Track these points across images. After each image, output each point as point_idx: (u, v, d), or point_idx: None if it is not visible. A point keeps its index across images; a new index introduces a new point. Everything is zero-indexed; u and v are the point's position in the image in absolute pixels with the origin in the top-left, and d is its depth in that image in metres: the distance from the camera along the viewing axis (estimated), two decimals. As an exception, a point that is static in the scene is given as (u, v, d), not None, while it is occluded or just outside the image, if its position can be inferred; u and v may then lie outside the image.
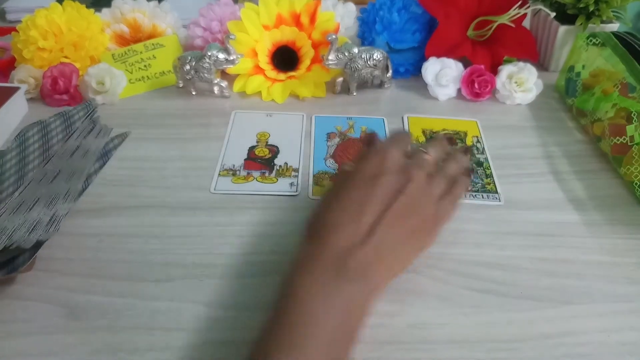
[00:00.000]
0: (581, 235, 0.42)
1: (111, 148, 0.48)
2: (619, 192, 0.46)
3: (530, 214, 0.44)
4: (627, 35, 0.51)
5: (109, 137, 0.49)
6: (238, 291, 0.36)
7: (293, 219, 0.43)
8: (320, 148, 0.51)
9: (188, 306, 0.35)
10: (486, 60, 0.60)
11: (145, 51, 0.61)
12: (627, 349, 0.33)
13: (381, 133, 0.53)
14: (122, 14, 0.63)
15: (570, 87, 0.57)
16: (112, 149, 0.48)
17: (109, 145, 0.48)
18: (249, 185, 0.46)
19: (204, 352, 0.33)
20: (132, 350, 0.32)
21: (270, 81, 0.59)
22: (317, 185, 0.46)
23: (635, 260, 0.40)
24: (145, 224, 0.42)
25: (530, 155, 0.51)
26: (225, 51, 0.55)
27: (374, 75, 0.59)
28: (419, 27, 0.60)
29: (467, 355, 0.33)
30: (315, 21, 0.58)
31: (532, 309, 0.36)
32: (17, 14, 0.75)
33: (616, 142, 0.47)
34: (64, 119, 0.45)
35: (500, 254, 0.40)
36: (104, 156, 0.47)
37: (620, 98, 0.48)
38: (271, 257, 0.39)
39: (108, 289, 0.36)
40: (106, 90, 0.57)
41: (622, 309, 0.36)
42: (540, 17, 0.65)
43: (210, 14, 0.61)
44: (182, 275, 0.38)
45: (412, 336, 0.34)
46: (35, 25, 0.56)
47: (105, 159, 0.47)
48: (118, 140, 0.49)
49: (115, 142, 0.49)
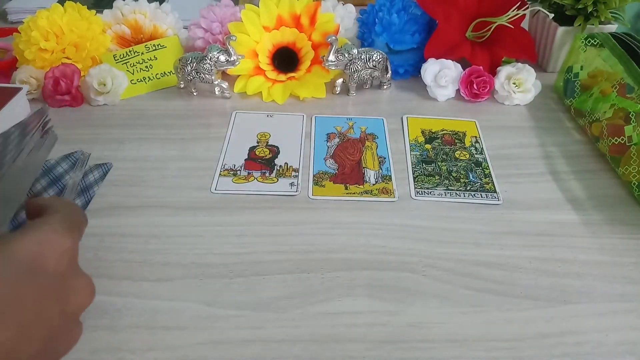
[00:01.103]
0: (580, 235, 0.42)
1: (92, 182, 0.43)
2: (617, 192, 0.46)
3: (529, 214, 0.44)
4: (626, 36, 0.52)
5: (85, 167, 0.43)
6: (238, 291, 0.37)
7: (293, 219, 0.43)
8: (320, 148, 0.51)
9: (188, 306, 0.35)
10: (485, 61, 0.60)
11: (147, 52, 0.62)
12: (626, 349, 0.33)
13: (381, 133, 0.54)
14: (123, 15, 0.63)
15: (568, 87, 0.57)
16: (94, 183, 0.43)
17: (88, 178, 0.43)
18: (250, 185, 0.46)
19: (204, 352, 0.33)
20: (133, 350, 0.33)
21: (271, 82, 0.59)
22: (317, 185, 0.47)
23: (633, 260, 0.40)
24: (145, 224, 0.42)
25: (529, 156, 0.51)
26: (226, 52, 0.55)
27: (373, 76, 0.59)
28: (418, 29, 0.60)
29: (467, 354, 0.33)
30: (315, 22, 0.58)
31: (531, 308, 0.36)
32: (18, 14, 0.76)
33: (614, 143, 0.47)
34: (22, 129, 0.35)
35: (499, 254, 0.40)
36: (86, 192, 0.42)
37: (618, 99, 0.48)
38: (271, 257, 0.39)
39: (109, 288, 0.36)
40: (107, 91, 0.57)
41: (621, 309, 0.36)
42: (538, 18, 0.65)
43: (211, 15, 0.62)
44: (182, 275, 0.38)
45: (412, 335, 0.34)
46: (37, 26, 0.57)
47: (88, 195, 0.42)
48: (99, 174, 0.44)
49: (95, 175, 0.44)
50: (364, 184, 0.47)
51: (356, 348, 0.33)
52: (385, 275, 0.38)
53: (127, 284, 0.37)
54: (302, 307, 0.36)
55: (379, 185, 0.47)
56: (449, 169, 0.49)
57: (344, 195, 0.46)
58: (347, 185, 0.47)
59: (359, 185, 0.47)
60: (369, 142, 0.52)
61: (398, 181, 0.47)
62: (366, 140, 0.53)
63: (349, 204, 0.45)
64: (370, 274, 0.38)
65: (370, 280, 0.38)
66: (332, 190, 0.46)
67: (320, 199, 0.45)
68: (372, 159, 0.50)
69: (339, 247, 0.40)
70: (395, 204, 0.45)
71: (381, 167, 0.49)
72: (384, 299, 0.36)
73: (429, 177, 0.48)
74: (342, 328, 0.34)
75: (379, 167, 0.49)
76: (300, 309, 0.35)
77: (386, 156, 0.50)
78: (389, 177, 0.48)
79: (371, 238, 0.41)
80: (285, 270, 0.38)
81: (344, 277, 0.38)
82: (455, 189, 0.46)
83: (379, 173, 0.48)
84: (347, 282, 0.37)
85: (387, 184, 0.47)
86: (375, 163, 0.50)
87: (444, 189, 0.46)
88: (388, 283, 0.37)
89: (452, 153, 0.51)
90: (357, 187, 0.46)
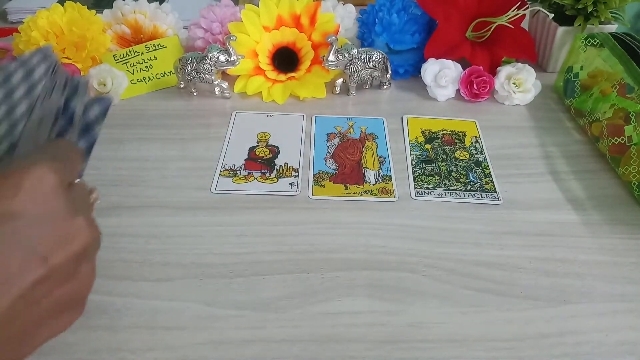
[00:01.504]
0: (580, 235, 0.42)
1: (93, 121, 0.32)
2: (617, 192, 0.46)
3: (529, 214, 0.44)
4: (626, 36, 0.52)
5: (85, 98, 0.32)
6: (238, 291, 0.37)
7: (293, 219, 0.43)
8: (320, 148, 0.51)
9: (188, 306, 0.35)
10: (485, 61, 0.60)
11: (147, 52, 0.62)
12: (626, 349, 0.33)
13: (381, 133, 0.54)
14: (123, 15, 0.63)
15: (568, 87, 0.57)
16: (95, 122, 0.32)
17: (88, 114, 0.32)
18: (250, 186, 0.46)
19: (204, 352, 0.33)
20: (133, 350, 0.33)
21: (271, 82, 0.59)
22: (317, 185, 0.47)
23: (633, 260, 0.40)
24: (145, 224, 0.42)
25: (529, 156, 0.51)
26: (226, 52, 0.55)
27: (373, 76, 0.59)
28: (418, 29, 0.60)
29: (466, 354, 0.33)
30: (315, 22, 0.58)
31: (531, 308, 0.36)
32: (18, 14, 0.76)
33: (614, 143, 0.47)
34: (25, 71, 0.28)
35: (499, 254, 0.40)
36: (87, 132, 0.32)
37: (618, 99, 0.48)
38: (271, 257, 0.39)
39: (108, 288, 0.36)
40: (108, 91, 0.57)
41: (621, 309, 0.36)
42: (539, 18, 0.65)
43: (211, 15, 0.61)
44: (182, 275, 0.38)
45: (412, 335, 0.34)
46: (37, 26, 0.57)
47: (91, 137, 0.32)
48: (99, 109, 0.33)
49: (95, 111, 0.33)
50: (364, 184, 0.47)
51: (356, 348, 0.33)
52: (385, 275, 0.38)
53: (126, 284, 0.37)
54: (302, 307, 0.36)
55: (379, 185, 0.47)
56: (449, 169, 0.49)
57: (344, 195, 0.46)
58: (347, 185, 0.47)
59: (359, 185, 0.47)
60: (369, 142, 0.52)
61: (398, 181, 0.47)
62: (366, 140, 0.53)
63: (349, 204, 0.45)
64: (370, 274, 0.38)
65: (370, 280, 0.38)
66: (332, 190, 0.46)
67: (320, 199, 0.45)
68: (372, 159, 0.50)
69: (339, 247, 0.40)
70: (395, 204, 0.45)
71: (381, 167, 0.49)
72: (384, 299, 0.36)
73: (429, 177, 0.48)
74: (342, 328, 0.34)
75: (379, 167, 0.49)
76: (300, 309, 0.35)
77: (386, 156, 0.51)
78: (389, 177, 0.48)
79: (371, 238, 0.41)
80: (285, 270, 0.38)
81: (344, 277, 0.38)
82: (455, 189, 0.46)
83: (379, 173, 0.48)
84: (347, 282, 0.37)
85: (387, 184, 0.47)
86: (375, 163, 0.50)
87: (444, 189, 0.46)
88: (388, 283, 0.37)
89: (452, 153, 0.51)
90: (357, 187, 0.46)
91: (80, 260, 0.23)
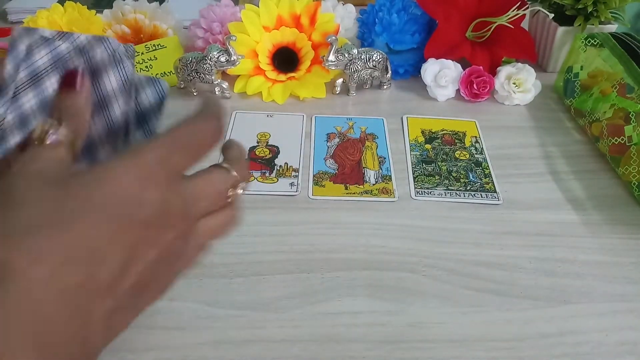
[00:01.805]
0: (580, 235, 0.42)
1: (148, 108, 0.29)
2: (617, 192, 0.46)
3: (529, 214, 0.44)
4: (626, 36, 0.52)
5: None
6: (238, 291, 0.37)
7: (293, 219, 0.43)
8: (320, 148, 0.51)
9: (188, 306, 0.35)
10: (485, 61, 0.60)
11: (147, 52, 0.62)
12: (626, 349, 0.33)
13: (381, 133, 0.54)
14: (123, 15, 0.63)
15: (568, 87, 0.57)
16: (151, 110, 0.29)
17: (141, 97, 0.28)
18: (249, 185, 0.46)
19: (204, 352, 0.33)
20: (132, 350, 0.33)
21: (271, 82, 0.59)
22: (317, 185, 0.47)
23: (633, 260, 0.40)
24: (145, 223, 0.42)
25: (529, 156, 0.51)
26: (226, 52, 0.55)
27: (373, 76, 0.59)
28: (418, 29, 0.60)
29: (466, 354, 0.33)
30: (315, 22, 0.58)
31: (531, 308, 0.36)
32: (18, 14, 0.76)
33: (614, 143, 0.47)
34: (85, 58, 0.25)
35: (499, 254, 0.40)
36: (144, 121, 0.28)
37: (618, 99, 0.48)
38: (271, 257, 0.39)
39: (109, 288, 0.36)
40: (107, 91, 0.57)
41: (621, 309, 0.36)
42: (538, 18, 0.65)
43: (210, 15, 0.61)
44: (181, 275, 0.38)
45: (412, 335, 0.34)
46: (37, 26, 0.57)
47: (147, 128, 0.28)
48: (152, 95, 0.28)
49: (149, 94, 0.28)
50: (364, 184, 0.47)
51: (356, 348, 0.33)
52: (385, 275, 0.38)
53: (127, 284, 0.37)
54: (302, 307, 0.36)
55: (379, 185, 0.47)
56: (449, 169, 0.49)
57: (344, 195, 0.46)
58: (347, 185, 0.47)
59: (359, 185, 0.47)
60: (369, 142, 0.52)
61: (398, 181, 0.47)
62: (366, 140, 0.53)
63: (349, 204, 0.45)
64: (370, 274, 0.38)
65: (370, 280, 0.38)
66: (332, 190, 0.46)
67: (320, 199, 0.45)
68: (372, 159, 0.50)
69: (339, 247, 0.40)
70: (395, 204, 0.45)
71: (381, 167, 0.49)
72: (384, 299, 0.36)
73: (429, 177, 0.48)
74: (342, 328, 0.34)
75: (379, 167, 0.49)
76: (300, 309, 0.35)
77: (386, 156, 0.50)
78: (389, 177, 0.48)
79: (371, 238, 0.41)
80: (285, 270, 0.38)
81: (344, 277, 0.38)
82: (455, 189, 0.46)
83: (379, 173, 0.48)
84: (347, 282, 0.37)
85: (387, 184, 0.47)
86: (375, 163, 0.50)
87: (444, 189, 0.46)
88: (388, 283, 0.37)
89: (452, 153, 0.51)
90: (357, 187, 0.46)
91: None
